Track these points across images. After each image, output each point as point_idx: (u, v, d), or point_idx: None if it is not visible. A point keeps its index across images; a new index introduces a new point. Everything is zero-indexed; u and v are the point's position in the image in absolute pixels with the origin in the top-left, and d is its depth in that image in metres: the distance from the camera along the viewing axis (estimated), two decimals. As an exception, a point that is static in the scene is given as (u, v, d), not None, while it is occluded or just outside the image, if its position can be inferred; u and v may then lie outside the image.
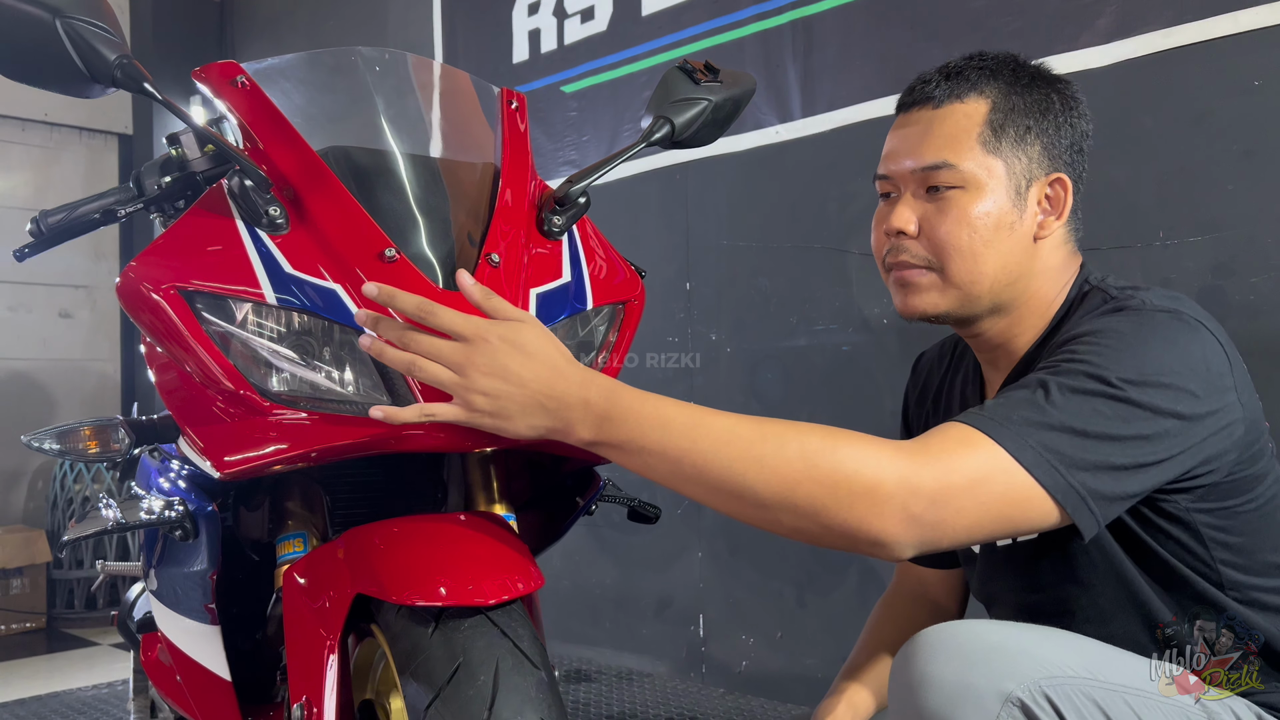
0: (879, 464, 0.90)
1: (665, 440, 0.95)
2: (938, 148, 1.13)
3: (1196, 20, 2.02)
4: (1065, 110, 1.17)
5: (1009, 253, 1.13)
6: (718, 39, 2.87)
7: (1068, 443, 0.94)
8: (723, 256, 2.92)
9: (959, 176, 1.12)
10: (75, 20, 0.99)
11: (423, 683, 0.92)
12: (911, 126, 1.17)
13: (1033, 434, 0.94)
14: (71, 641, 3.95)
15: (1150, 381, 0.97)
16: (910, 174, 1.15)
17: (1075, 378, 0.97)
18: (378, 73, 1.30)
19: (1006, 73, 1.16)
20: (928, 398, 1.38)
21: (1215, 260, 2.01)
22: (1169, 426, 0.97)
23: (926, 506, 0.90)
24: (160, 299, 1.04)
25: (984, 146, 1.13)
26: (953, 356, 1.37)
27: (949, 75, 1.17)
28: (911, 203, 1.15)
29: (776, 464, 0.92)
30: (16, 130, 4.66)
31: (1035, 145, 1.14)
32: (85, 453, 1.09)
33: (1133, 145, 2.12)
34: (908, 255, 1.15)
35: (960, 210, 1.12)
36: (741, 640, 2.87)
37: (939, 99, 1.15)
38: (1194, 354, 1.01)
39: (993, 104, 1.14)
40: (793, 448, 0.92)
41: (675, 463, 0.95)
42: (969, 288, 1.13)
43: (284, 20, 4.65)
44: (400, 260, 1.07)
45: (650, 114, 1.29)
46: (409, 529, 1.05)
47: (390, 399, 1.05)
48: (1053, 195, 1.16)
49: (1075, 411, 0.95)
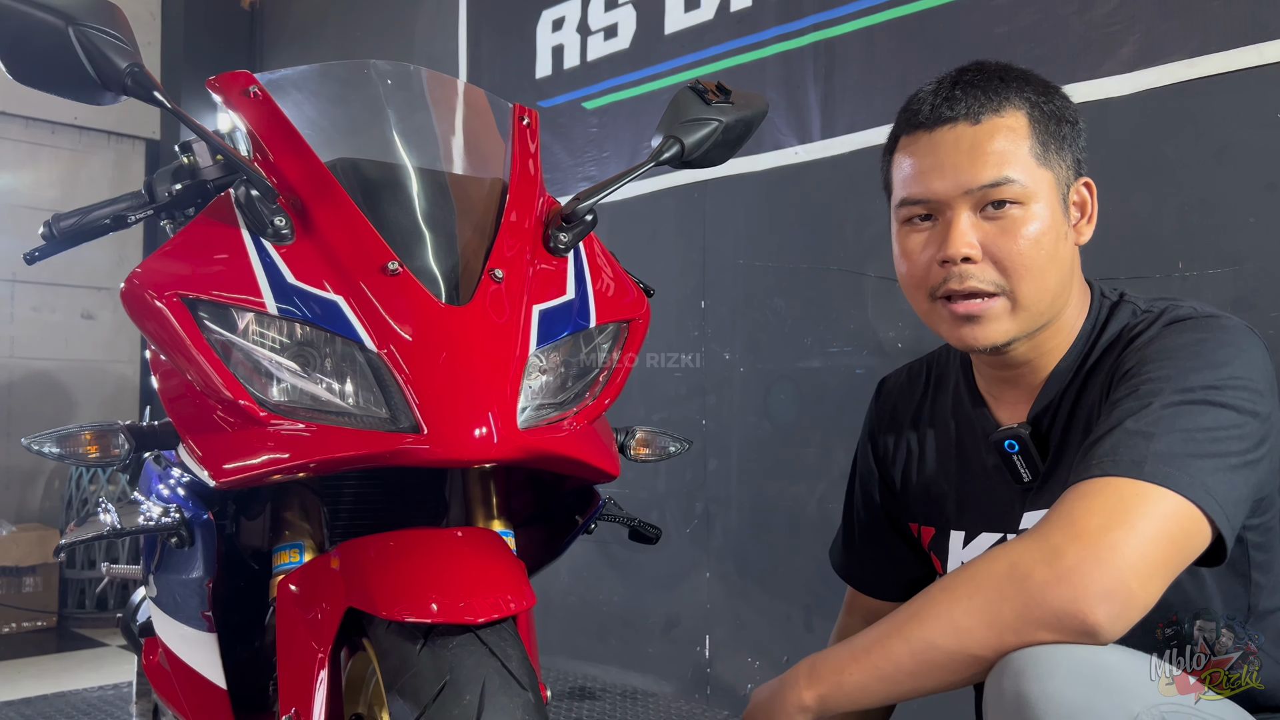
0: (1073, 596, 0.88)
1: (868, 661, 0.97)
2: (996, 163, 1.07)
3: (1220, 51, 2.01)
4: (1076, 115, 1.15)
5: (1065, 264, 1.10)
6: (739, 59, 2.87)
7: (1207, 465, 0.93)
8: (739, 275, 2.91)
9: (1023, 192, 1.07)
10: (88, 28, 1.00)
11: (409, 700, 0.92)
12: (949, 145, 1.09)
13: (1181, 464, 0.93)
14: (81, 641, 3.96)
15: (1232, 385, 0.98)
16: (964, 194, 1.08)
17: (1170, 395, 0.97)
18: (390, 86, 1.30)
19: (1025, 83, 1.13)
20: (902, 423, 1.33)
21: (1236, 293, 1.99)
22: (1256, 427, 0.98)
23: (1125, 600, 0.88)
24: (163, 306, 1.04)
25: (1036, 159, 1.08)
26: (927, 380, 1.33)
27: (970, 87, 1.11)
28: (970, 225, 1.08)
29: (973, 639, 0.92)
30: (46, 133, 4.72)
31: (1068, 152, 1.12)
32: (85, 457, 1.09)
33: (1154, 175, 2.10)
34: (976, 282, 1.08)
35: (1027, 227, 1.07)
36: (747, 662, 2.85)
37: (974, 114, 1.09)
38: (1256, 358, 1.02)
39: (1029, 115, 1.10)
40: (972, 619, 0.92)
41: (874, 676, 0.96)
42: (1035, 306, 1.09)
43: (313, 30, 4.70)
44: (403, 274, 1.07)
45: (660, 133, 1.28)
46: (403, 543, 1.05)
47: (389, 412, 1.05)
48: (1080, 200, 1.14)
49: (1192, 431, 0.95)
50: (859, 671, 0.96)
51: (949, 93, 1.11)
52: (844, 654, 0.98)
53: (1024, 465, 1.16)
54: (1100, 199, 1.17)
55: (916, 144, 1.13)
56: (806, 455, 2.72)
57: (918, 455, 1.31)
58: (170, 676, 1.45)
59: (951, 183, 1.09)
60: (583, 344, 1.20)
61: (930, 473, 1.29)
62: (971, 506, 1.23)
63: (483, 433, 1.03)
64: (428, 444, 1.03)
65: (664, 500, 3.05)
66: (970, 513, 1.23)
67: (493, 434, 1.03)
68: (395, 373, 1.04)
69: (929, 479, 1.28)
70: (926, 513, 1.29)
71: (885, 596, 1.37)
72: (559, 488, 1.38)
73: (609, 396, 1.21)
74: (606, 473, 1.19)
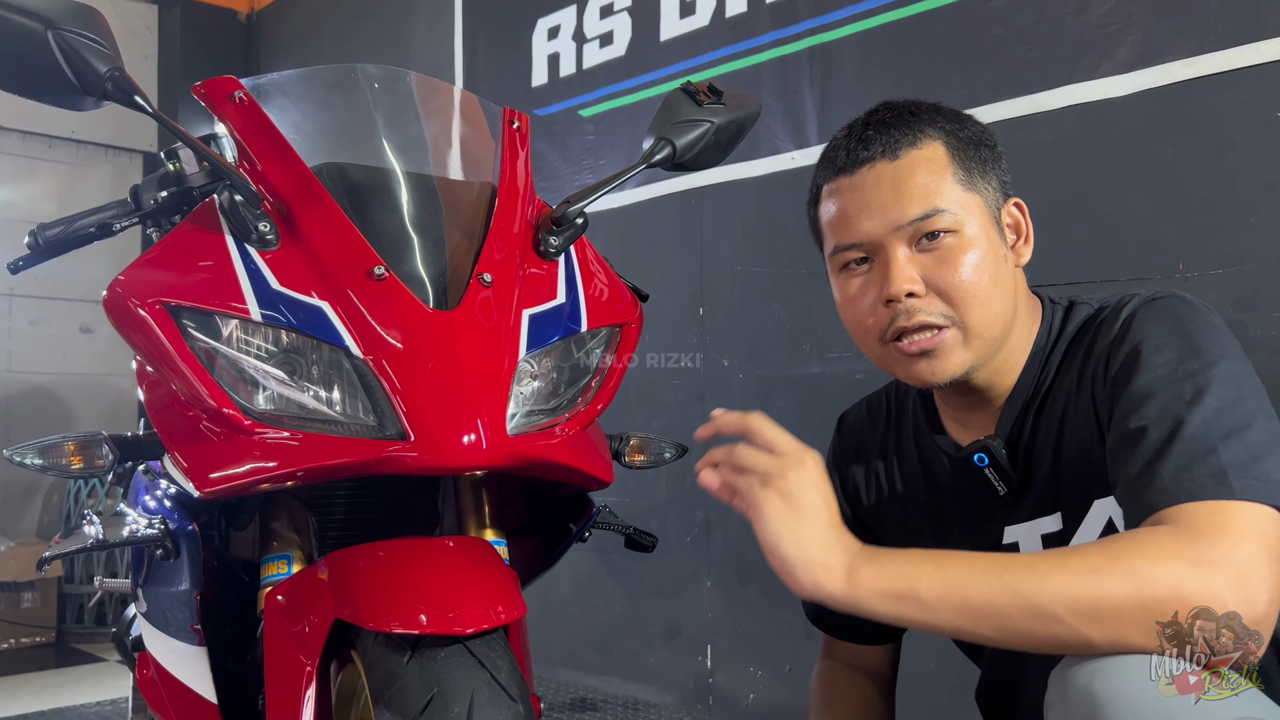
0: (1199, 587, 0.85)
1: (949, 572, 0.90)
2: (922, 196, 1.06)
3: (1219, 50, 1.99)
4: (992, 139, 1.14)
5: (1008, 286, 1.09)
6: (735, 64, 2.86)
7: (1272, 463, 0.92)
8: (737, 281, 2.89)
9: (954, 220, 1.06)
10: (67, 32, 0.99)
11: (396, 712, 0.90)
12: (871, 185, 1.08)
13: (1244, 468, 0.91)
14: (80, 657, 3.94)
15: (1223, 353, 0.99)
16: (895, 231, 1.06)
17: (1176, 387, 0.97)
18: (378, 90, 1.29)
19: (937, 113, 1.12)
20: (867, 458, 1.30)
21: (1237, 294, 1.97)
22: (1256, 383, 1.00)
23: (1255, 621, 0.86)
24: (146, 314, 1.03)
25: (961, 185, 1.08)
26: (888, 412, 1.30)
27: (883, 125, 1.10)
28: (908, 260, 1.06)
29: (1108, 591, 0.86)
30: (44, 147, 4.72)
31: (992, 175, 1.12)
32: (68, 468, 1.07)
33: (1153, 176, 2.08)
34: (924, 316, 1.06)
35: (965, 255, 1.06)
36: (749, 672, 2.82)
37: (891, 150, 1.08)
38: (1219, 323, 1.03)
39: (946, 143, 1.09)
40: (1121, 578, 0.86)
41: (960, 592, 0.88)
42: (986, 333, 1.07)
43: (309, 42, 4.70)
44: (390, 279, 1.06)
45: (652, 135, 1.27)
46: (392, 553, 1.03)
47: (376, 420, 1.03)
48: (1013, 221, 1.14)
49: (1218, 422, 0.94)
50: (938, 587, 0.88)
51: (862, 134, 1.10)
52: (924, 563, 0.91)
53: (997, 478, 1.14)
54: (1100, 200, 1.15)
55: (839, 189, 1.11)
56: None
57: (887, 489, 1.28)
58: (163, 691, 1.43)
59: (880, 221, 1.07)
60: (574, 349, 1.18)
61: (902, 506, 1.26)
62: (948, 534, 1.20)
63: (471, 439, 1.01)
64: (416, 451, 1.01)
65: (664, 509, 3.03)
66: (949, 541, 1.19)
67: (481, 440, 1.01)
68: (382, 379, 1.02)
69: (903, 512, 1.26)
70: (904, 547, 1.26)
71: (862, 640, 1.34)
72: (552, 496, 1.36)
73: (601, 402, 1.19)
74: (599, 479, 1.17)
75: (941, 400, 1.21)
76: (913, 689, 1.62)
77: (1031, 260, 1.15)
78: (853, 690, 1.33)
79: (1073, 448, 1.08)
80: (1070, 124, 2.20)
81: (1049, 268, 2.22)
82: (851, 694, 1.33)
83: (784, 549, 0.93)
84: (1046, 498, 1.11)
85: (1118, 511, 1.02)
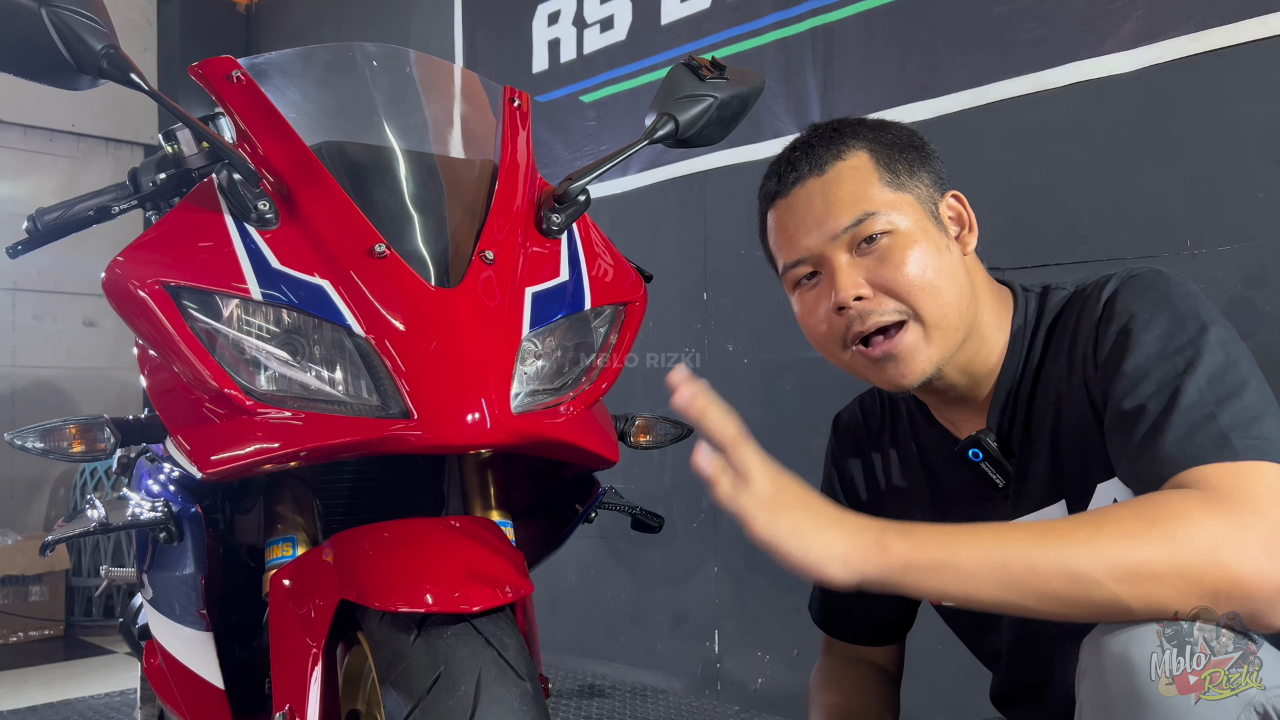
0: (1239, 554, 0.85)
1: (986, 541, 0.88)
2: (851, 203, 1.09)
3: (1224, 25, 1.97)
4: (920, 140, 1.16)
5: (957, 275, 1.10)
6: (737, 47, 2.84)
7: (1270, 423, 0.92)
8: (741, 266, 2.88)
9: (886, 222, 1.08)
10: (62, 10, 0.98)
11: (402, 692, 0.89)
12: (804, 202, 1.12)
13: (1245, 429, 0.91)
14: (88, 649, 3.95)
15: (1209, 320, 1.00)
16: (832, 241, 1.09)
17: (1169, 361, 0.97)
18: (377, 68, 1.28)
19: (860, 125, 1.15)
20: (865, 457, 1.30)
21: (1246, 270, 1.95)
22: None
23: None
24: (145, 295, 1.02)
25: (888, 186, 1.10)
26: (882, 410, 1.30)
27: (809, 147, 1.13)
28: (850, 265, 1.09)
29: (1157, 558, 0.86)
30: (45, 141, 4.71)
31: (922, 173, 1.13)
32: (69, 452, 1.07)
33: (1159, 152, 2.06)
34: (878, 317, 1.08)
35: (903, 251, 1.07)
36: (757, 657, 2.82)
37: (818, 166, 1.11)
38: (1198, 291, 1.04)
39: (870, 151, 1.12)
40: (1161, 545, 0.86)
41: (1000, 560, 0.87)
42: (943, 322, 1.08)
43: (309, 32, 4.68)
44: (390, 256, 1.05)
45: (654, 111, 1.25)
46: (397, 533, 1.02)
47: (379, 398, 1.02)
48: (954, 213, 1.14)
49: (1212, 388, 0.94)
50: (978, 556, 0.87)
51: (790, 157, 1.15)
52: (960, 533, 0.89)
53: (994, 471, 1.13)
54: (1107, 178, 1.15)
55: (778, 212, 1.15)
56: (812, 446, 2.68)
57: (886, 486, 1.27)
58: (170, 679, 1.42)
59: (818, 234, 1.10)
60: (578, 327, 1.17)
61: (904, 503, 1.25)
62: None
63: (475, 417, 1.00)
64: (420, 430, 1.00)
65: (670, 495, 3.03)
66: None
67: (485, 418, 1.00)
68: (385, 358, 1.01)
69: (904, 509, 1.25)
70: None
71: (862, 641, 1.34)
72: (558, 477, 1.35)
73: (606, 381, 1.18)
74: (605, 458, 1.16)
75: (926, 398, 1.20)
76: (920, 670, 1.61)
77: (1038, 240, 1.15)
78: (859, 675, 1.33)
79: (1069, 434, 1.08)
80: (1075, 102, 2.18)
81: (1056, 247, 2.21)
82: (859, 678, 1.32)
83: (799, 543, 0.91)
84: (1048, 487, 1.10)
85: (1122, 493, 1.01)
